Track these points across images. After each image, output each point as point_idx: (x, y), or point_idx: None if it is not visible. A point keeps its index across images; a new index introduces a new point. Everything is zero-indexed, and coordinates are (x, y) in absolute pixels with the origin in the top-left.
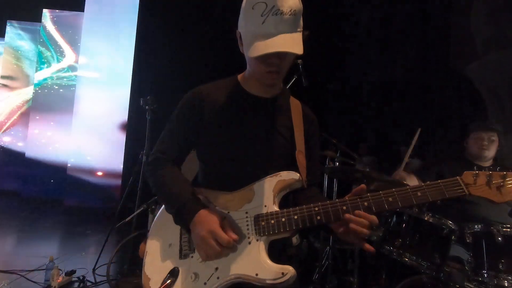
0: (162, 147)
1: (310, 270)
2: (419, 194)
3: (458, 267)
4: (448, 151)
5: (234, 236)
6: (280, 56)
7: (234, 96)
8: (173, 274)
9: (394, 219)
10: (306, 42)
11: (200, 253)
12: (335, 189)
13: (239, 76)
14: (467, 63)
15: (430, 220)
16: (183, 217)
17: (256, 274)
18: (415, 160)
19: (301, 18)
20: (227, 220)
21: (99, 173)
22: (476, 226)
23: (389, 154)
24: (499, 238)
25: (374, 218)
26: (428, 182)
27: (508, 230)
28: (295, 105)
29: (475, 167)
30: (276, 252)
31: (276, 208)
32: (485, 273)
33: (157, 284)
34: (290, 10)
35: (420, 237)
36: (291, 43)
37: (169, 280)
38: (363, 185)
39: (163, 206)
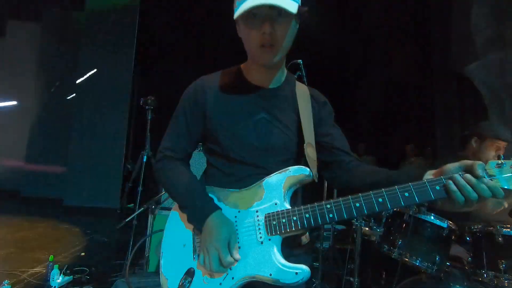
0: (168, 143)
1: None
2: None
3: (458, 267)
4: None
5: (237, 256)
6: (271, 22)
7: (236, 87)
8: (189, 274)
9: (394, 219)
10: (305, 20)
11: (201, 260)
12: (335, 190)
13: (242, 65)
14: (468, 63)
15: (430, 220)
16: (196, 218)
17: (270, 275)
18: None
19: None
20: (235, 235)
21: (99, 173)
22: (476, 226)
23: (389, 154)
24: (499, 238)
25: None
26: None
27: (508, 230)
28: (302, 93)
29: None
30: (286, 251)
31: (287, 205)
32: (485, 273)
33: (174, 285)
34: None
35: (420, 237)
36: None
37: (186, 281)
38: None
39: (175, 205)
